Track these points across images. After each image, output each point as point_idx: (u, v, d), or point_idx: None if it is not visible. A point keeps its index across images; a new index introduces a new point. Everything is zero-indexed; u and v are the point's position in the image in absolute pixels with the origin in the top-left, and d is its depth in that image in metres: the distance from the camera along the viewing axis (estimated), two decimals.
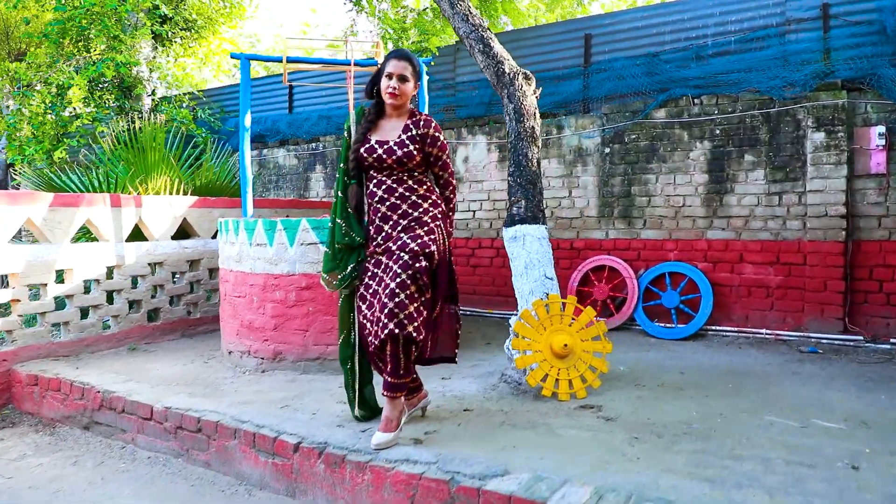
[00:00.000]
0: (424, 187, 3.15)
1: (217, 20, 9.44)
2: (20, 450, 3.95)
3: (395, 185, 3.10)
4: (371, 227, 3.13)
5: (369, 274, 3.10)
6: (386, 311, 2.87)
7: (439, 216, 3.15)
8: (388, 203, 3.08)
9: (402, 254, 2.95)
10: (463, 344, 5.67)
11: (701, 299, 5.79)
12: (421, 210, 3.10)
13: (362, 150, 3.12)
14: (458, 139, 7.17)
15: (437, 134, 3.18)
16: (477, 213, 7.08)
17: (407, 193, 3.10)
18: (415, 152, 3.07)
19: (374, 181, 3.13)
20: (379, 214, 3.10)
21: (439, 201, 3.20)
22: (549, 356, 3.90)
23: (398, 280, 2.89)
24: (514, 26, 9.40)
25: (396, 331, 2.85)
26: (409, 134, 3.10)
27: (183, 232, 6.19)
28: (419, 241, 2.99)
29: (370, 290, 3.07)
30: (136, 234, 5.74)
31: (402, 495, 2.70)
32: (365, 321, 3.09)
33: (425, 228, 3.05)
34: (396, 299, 2.86)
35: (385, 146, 3.09)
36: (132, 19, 8.23)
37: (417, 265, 2.93)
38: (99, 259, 5.28)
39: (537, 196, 4.28)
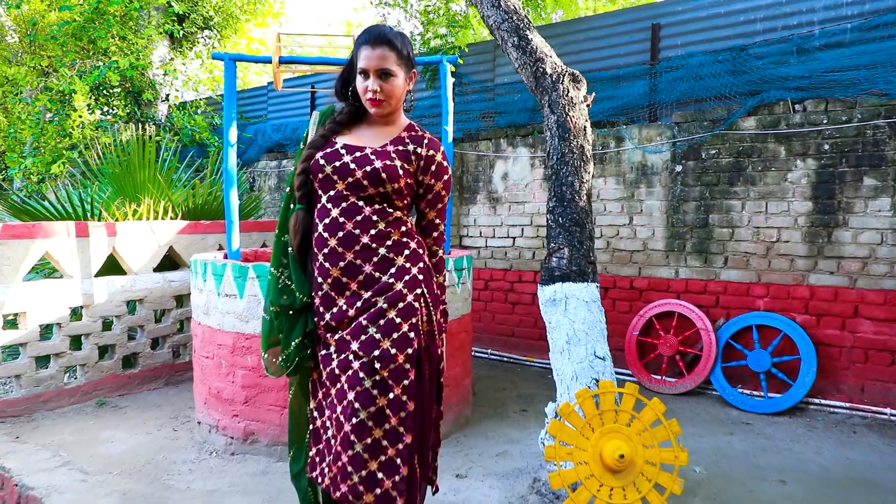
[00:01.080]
0: (404, 228, 2.07)
1: (239, 18, 8.62)
2: None
3: (361, 205, 2.01)
4: (318, 282, 2.03)
5: (325, 361, 2.04)
6: (340, 461, 1.83)
7: (422, 276, 2.06)
8: (344, 233, 1.99)
9: (362, 373, 1.87)
10: (493, 407, 4.60)
11: (801, 362, 4.50)
12: (396, 267, 2.01)
13: (319, 155, 2.06)
14: (496, 151, 6.06)
15: (444, 163, 2.14)
16: (517, 240, 5.96)
17: (377, 221, 2.01)
18: (401, 172, 2.02)
19: (331, 198, 2.04)
20: (328, 255, 1.99)
21: (421, 251, 2.11)
22: (599, 470, 2.78)
23: (355, 421, 1.83)
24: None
25: (351, 498, 1.80)
26: (400, 148, 2.07)
27: (171, 262, 5.33)
28: (394, 337, 1.93)
29: (324, 389, 2.05)
30: (113, 267, 4.91)
31: None
32: (320, 435, 2.06)
33: (401, 305, 1.97)
34: (351, 451, 1.81)
35: (357, 153, 2.04)
36: (144, 18, 7.48)
37: (391, 394, 1.86)
38: (61, 299, 4.45)
39: (586, 242, 3.14)
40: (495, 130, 6.10)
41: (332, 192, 2.01)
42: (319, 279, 2.02)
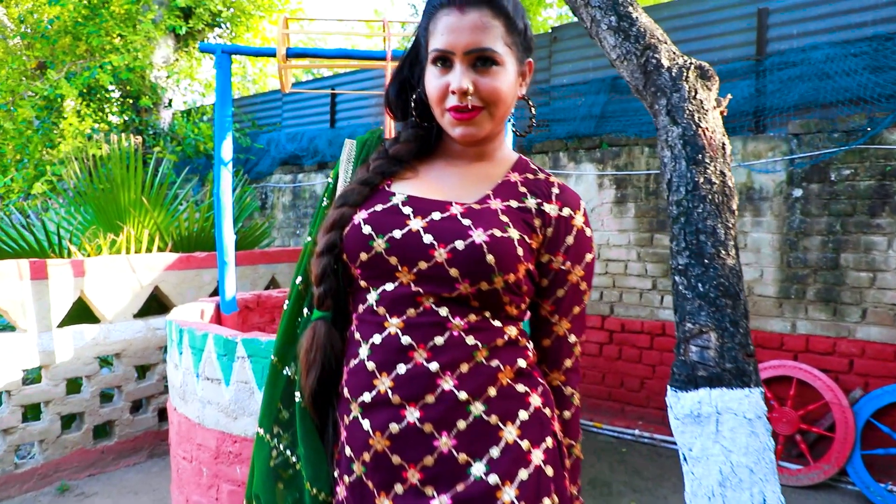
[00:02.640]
0: (521, 361, 1.08)
1: (252, 13, 7.68)
2: None
3: (443, 314, 1.04)
4: (347, 457, 1.06)
5: None
6: None
7: (551, 469, 1.05)
8: (408, 369, 1.02)
9: None
10: None
11: None
12: (502, 447, 1.01)
13: (361, 217, 1.11)
14: (553, 167, 4.99)
15: (588, 232, 1.18)
16: None
17: (473, 348, 1.03)
18: (520, 251, 1.06)
19: (385, 300, 1.07)
20: (372, 408, 1.04)
21: (549, 411, 1.09)
22: None
23: None
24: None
25: None
26: (514, 204, 1.12)
27: (158, 303, 4.35)
28: None
29: None
30: (83, 314, 3.94)
31: None
32: None
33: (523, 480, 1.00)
34: None
35: (435, 213, 1.09)
36: (143, 12, 6.55)
37: None
38: (11, 359, 3.49)
39: (741, 323, 2.06)
40: (552, 142, 5.03)
41: (386, 288, 1.07)
42: (350, 452, 1.05)
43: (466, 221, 1.04)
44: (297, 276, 1.19)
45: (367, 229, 1.07)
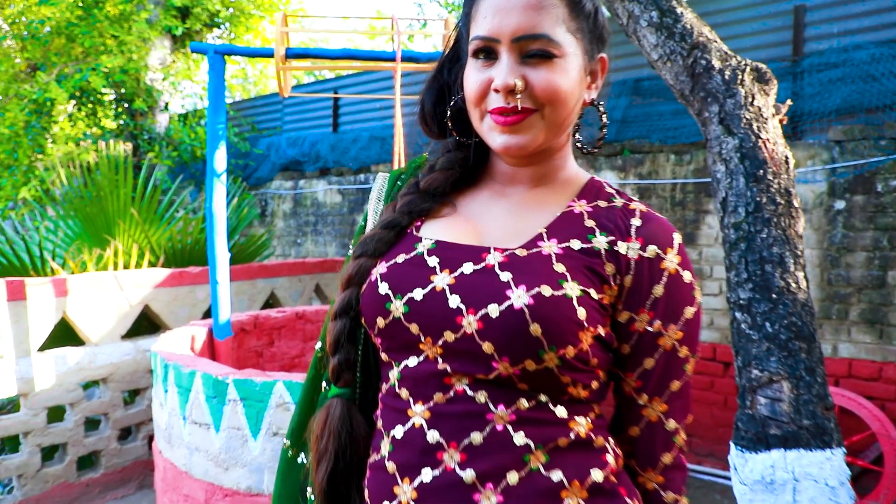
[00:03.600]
0: (608, 469, 0.78)
1: (252, 13, 7.40)
2: None
3: (481, 401, 0.76)
4: None
5: None
6: None
7: None
8: (435, 476, 0.75)
9: None
10: None
11: None
12: None
13: (379, 271, 0.85)
14: None
15: (687, 278, 0.82)
16: None
17: (524, 449, 0.75)
18: (581, 313, 0.76)
19: (407, 378, 0.81)
20: None
21: (631, 501, 0.78)
22: None
23: None
24: None
25: None
26: (577, 245, 0.81)
27: (149, 322, 4.06)
28: None
29: None
30: (66, 336, 3.65)
31: None
32: None
33: None
34: None
35: (467, 265, 0.81)
36: (139, 12, 6.27)
37: None
38: None
39: (817, 367, 1.77)
40: None
41: (409, 364, 0.82)
42: None
43: (506, 276, 0.77)
44: (319, 343, 0.95)
45: (383, 288, 0.82)
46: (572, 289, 0.76)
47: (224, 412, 2.16)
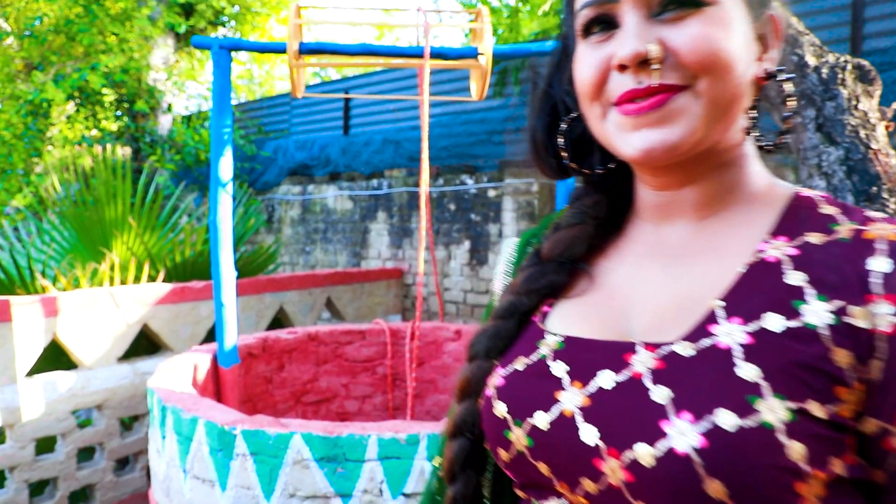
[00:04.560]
0: None
1: (259, 11, 7.10)
2: None
3: None
4: None
5: None
6: None
7: None
8: None
9: None
10: None
11: None
12: None
13: (497, 382, 0.58)
14: None
15: None
16: None
17: None
18: (792, 446, 0.43)
19: None
20: None
21: None
22: None
23: None
24: None
25: None
26: (776, 323, 0.47)
27: (148, 341, 3.76)
28: None
29: None
30: (56, 359, 3.34)
31: None
32: None
33: None
34: None
35: (608, 377, 0.51)
36: (140, 8, 5.98)
37: None
38: None
39: None
40: None
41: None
42: None
43: (661, 393, 0.48)
44: (434, 460, 0.72)
45: (500, 409, 0.57)
46: (775, 411, 0.44)
47: (231, 468, 1.85)
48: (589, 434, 0.49)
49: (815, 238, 0.52)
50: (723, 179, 0.56)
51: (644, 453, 0.46)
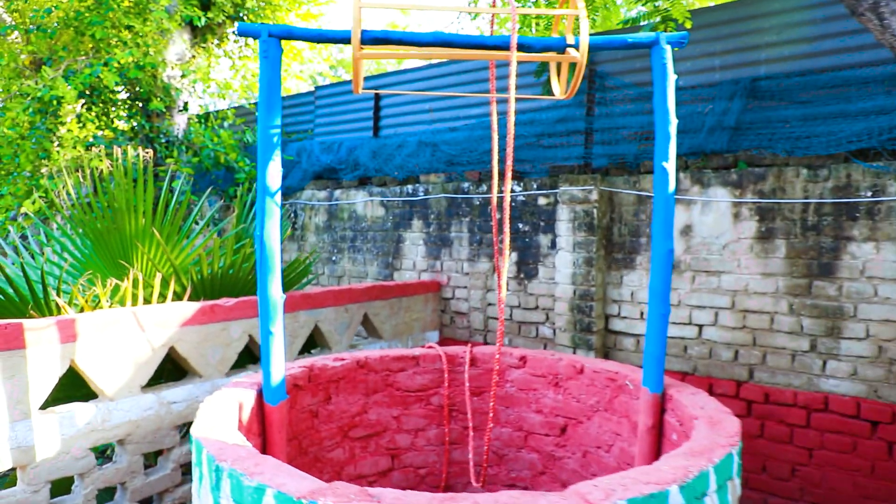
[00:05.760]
0: None
1: (280, 3, 6.73)
2: None
3: None
4: None
5: None
6: None
7: None
8: None
9: None
10: None
11: None
12: None
13: None
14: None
15: None
16: (707, 329, 3.85)
17: None
18: None
19: None
20: None
21: None
22: None
23: None
24: None
25: None
26: None
27: (175, 366, 3.38)
28: None
29: None
30: (73, 387, 2.96)
31: None
32: None
33: None
34: None
35: None
36: (156, 0, 5.59)
37: None
38: None
39: None
40: None
41: None
42: None
43: None
44: None
45: None
46: None
47: None
48: None
49: None
50: None
51: None
